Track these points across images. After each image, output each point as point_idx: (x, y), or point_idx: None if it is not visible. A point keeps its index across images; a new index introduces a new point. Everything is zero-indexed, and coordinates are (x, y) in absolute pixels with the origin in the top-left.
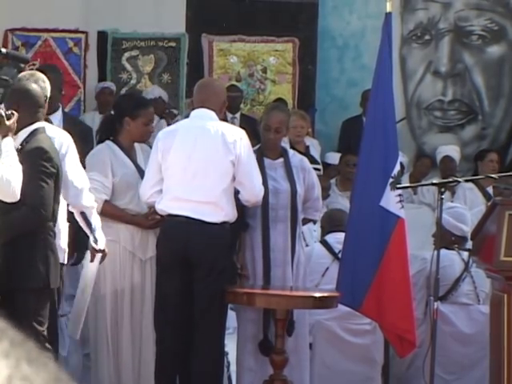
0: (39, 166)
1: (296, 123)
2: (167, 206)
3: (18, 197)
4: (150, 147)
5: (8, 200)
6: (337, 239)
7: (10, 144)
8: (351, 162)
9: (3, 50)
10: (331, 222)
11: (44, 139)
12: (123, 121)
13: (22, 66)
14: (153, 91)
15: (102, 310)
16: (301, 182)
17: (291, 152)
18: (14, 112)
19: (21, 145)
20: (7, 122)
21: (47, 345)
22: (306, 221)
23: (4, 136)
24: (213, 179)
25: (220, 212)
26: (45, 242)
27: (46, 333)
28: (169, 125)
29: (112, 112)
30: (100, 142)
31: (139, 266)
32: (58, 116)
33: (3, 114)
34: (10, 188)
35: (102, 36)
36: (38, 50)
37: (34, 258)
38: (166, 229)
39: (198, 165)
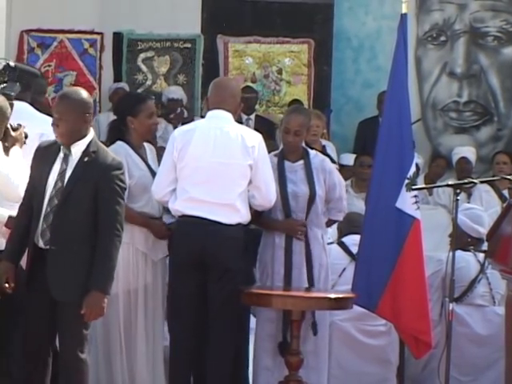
0: (119, 181)
1: (313, 122)
2: (182, 206)
3: (21, 200)
4: (160, 148)
5: (12, 201)
6: (354, 241)
7: (18, 153)
8: (366, 163)
9: (11, 64)
10: (349, 224)
11: (109, 150)
12: (127, 121)
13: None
14: (175, 92)
15: (114, 309)
16: (321, 183)
17: (313, 153)
18: (20, 124)
19: (86, 154)
20: (13, 133)
21: (87, 348)
22: (330, 222)
23: (12, 146)
24: (230, 181)
25: (236, 214)
26: None
27: (88, 337)
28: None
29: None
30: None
31: (151, 267)
32: None
33: (8, 126)
34: (16, 192)
35: (117, 37)
36: (54, 51)
37: None
38: (181, 229)
39: (217, 166)
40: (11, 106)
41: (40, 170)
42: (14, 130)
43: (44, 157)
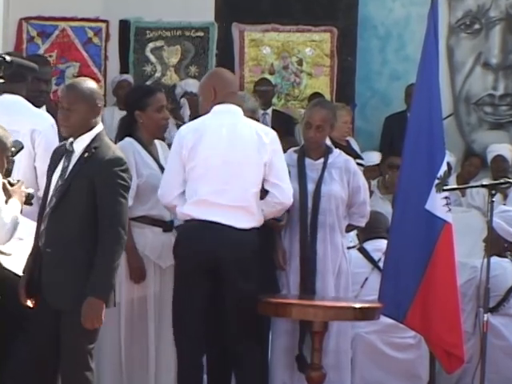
0: (119, 178)
1: (346, 118)
2: (192, 210)
3: (5, 243)
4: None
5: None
6: (376, 246)
7: (14, 203)
8: (395, 164)
9: (8, 58)
10: (367, 228)
11: (113, 145)
12: (135, 116)
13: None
14: (194, 85)
15: (115, 319)
16: (344, 184)
17: (337, 152)
18: (19, 180)
19: (87, 150)
20: (10, 188)
21: (92, 365)
22: (350, 227)
23: (8, 198)
24: (246, 182)
25: (251, 217)
26: None
27: (93, 351)
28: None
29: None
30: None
31: (159, 275)
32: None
33: (5, 181)
34: (2, 232)
35: (124, 25)
36: (55, 40)
37: None
38: (189, 235)
39: (232, 167)
40: (11, 162)
41: (49, 172)
42: (12, 185)
43: (53, 159)
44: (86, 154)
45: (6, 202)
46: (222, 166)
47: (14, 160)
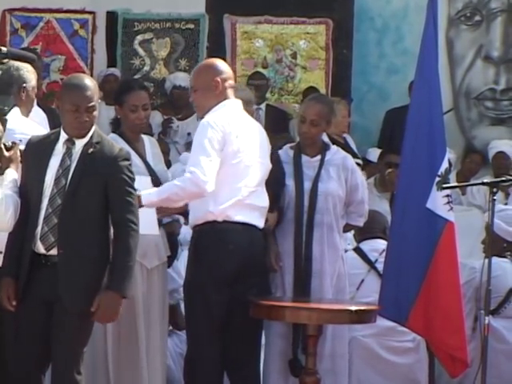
0: (129, 172)
1: (344, 113)
2: (232, 211)
3: (11, 228)
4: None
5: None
6: (372, 246)
7: (12, 176)
8: (394, 163)
9: (3, 49)
10: (364, 227)
11: (112, 140)
12: (116, 111)
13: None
14: (184, 79)
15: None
16: (342, 182)
17: (334, 148)
18: (15, 142)
19: (89, 146)
20: (6, 153)
21: (81, 369)
22: (348, 227)
23: (6, 167)
24: (264, 185)
25: (264, 219)
26: None
27: (84, 355)
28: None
29: None
30: None
31: (146, 276)
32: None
33: (2, 146)
34: (4, 220)
35: (111, 17)
36: (40, 32)
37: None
38: (228, 238)
39: (261, 168)
40: (4, 122)
41: (35, 169)
42: (8, 149)
43: (38, 153)
44: (90, 151)
45: (3, 171)
46: (255, 167)
47: (6, 119)
